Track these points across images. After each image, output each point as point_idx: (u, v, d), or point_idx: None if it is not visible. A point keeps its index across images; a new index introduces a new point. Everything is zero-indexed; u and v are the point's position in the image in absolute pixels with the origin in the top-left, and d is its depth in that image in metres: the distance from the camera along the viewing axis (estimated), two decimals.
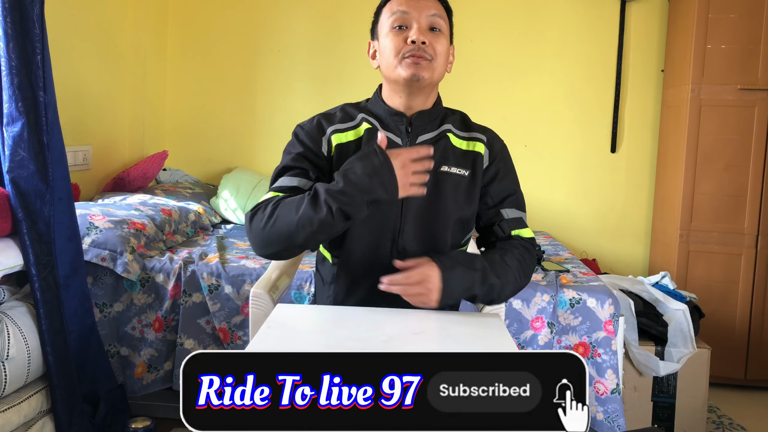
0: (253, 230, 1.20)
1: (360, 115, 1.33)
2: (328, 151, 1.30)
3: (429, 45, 1.25)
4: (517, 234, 1.33)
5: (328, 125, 1.31)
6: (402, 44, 1.24)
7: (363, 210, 1.14)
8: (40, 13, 1.70)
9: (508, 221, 1.33)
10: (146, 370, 2.11)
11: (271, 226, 1.17)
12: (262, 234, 1.18)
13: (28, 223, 1.72)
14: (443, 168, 1.29)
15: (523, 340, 2.05)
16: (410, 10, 1.25)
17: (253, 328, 1.34)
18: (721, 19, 2.70)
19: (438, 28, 1.27)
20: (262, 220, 1.18)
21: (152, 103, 3.24)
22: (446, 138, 1.31)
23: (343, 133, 1.30)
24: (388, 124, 1.31)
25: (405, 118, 1.30)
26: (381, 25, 1.30)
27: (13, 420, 1.63)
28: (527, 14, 3.22)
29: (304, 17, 3.30)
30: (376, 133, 1.29)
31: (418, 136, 1.30)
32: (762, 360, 2.74)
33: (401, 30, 1.25)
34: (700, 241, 2.78)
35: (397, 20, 1.25)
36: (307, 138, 1.30)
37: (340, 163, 1.27)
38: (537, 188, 3.26)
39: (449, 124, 1.34)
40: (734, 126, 2.72)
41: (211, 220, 2.85)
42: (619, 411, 1.99)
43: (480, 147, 1.33)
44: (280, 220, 1.16)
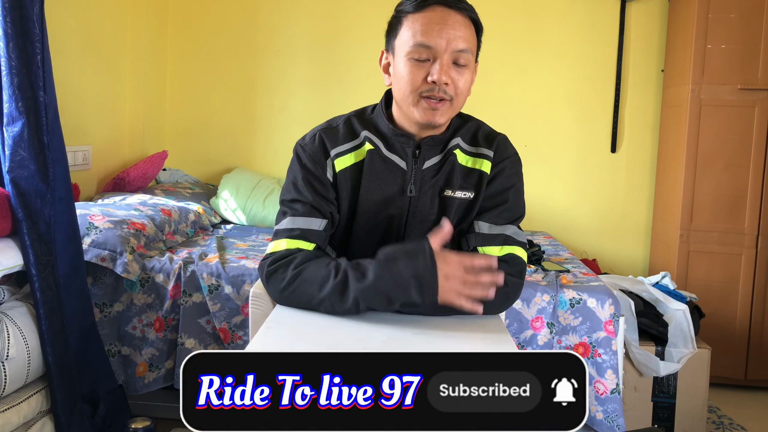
0: (270, 288, 1.16)
1: (363, 133, 1.23)
2: (333, 176, 1.22)
3: (451, 84, 1.13)
4: (483, 252, 1.18)
5: (331, 146, 1.22)
6: (420, 81, 1.12)
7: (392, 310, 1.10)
8: (39, 13, 1.70)
9: (476, 235, 1.20)
10: (147, 369, 2.11)
11: (290, 294, 1.12)
12: (279, 297, 1.15)
13: (28, 223, 1.72)
14: (447, 192, 1.21)
15: (523, 339, 2.05)
16: (434, 44, 1.11)
17: (253, 328, 1.34)
18: (721, 19, 2.70)
19: (463, 63, 1.14)
20: (281, 283, 1.13)
21: (152, 103, 3.24)
22: (453, 156, 1.22)
23: (345, 155, 1.22)
24: (394, 145, 1.22)
25: (413, 141, 1.20)
26: (399, 42, 1.15)
27: (13, 420, 1.63)
28: (527, 14, 3.22)
29: (304, 17, 3.30)
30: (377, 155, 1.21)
31: (425, 161, 1.22)
32: (762, 360, 2.74)
33: (421, 62, 1.12)
34: (700, 241, 2.78)
35: (417, 51, 1.12)
36: (310, 162, 1.21)
37: (343, 185, 1.22)
38: (537, 188, 3.26)
39: (458, 138, 1.24)
40: (734, 126, 2.72)
41: (210, 220, 2.85)
42: (618, 411, 1.99)
43: (485, 165, 1.23)
44: (300, 291, 1.11)
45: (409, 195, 1.22)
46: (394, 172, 1.22)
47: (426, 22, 1.11)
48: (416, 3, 1.12)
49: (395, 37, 1.17)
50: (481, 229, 1.20)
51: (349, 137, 1.23)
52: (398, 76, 1.16)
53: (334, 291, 1.08)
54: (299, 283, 1.11)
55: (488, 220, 1.21)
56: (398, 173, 1.22)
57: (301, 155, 1.23)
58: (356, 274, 1.07)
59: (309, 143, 1.23)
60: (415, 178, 1.21)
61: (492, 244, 1.19)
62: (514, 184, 1.25)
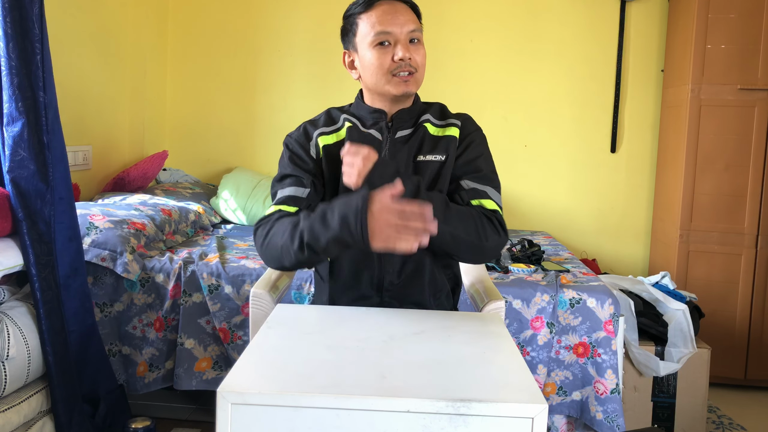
0: (257, 247, 1.27)
1: (342, 116, 1.39)
2: (317, 154, 1.35)
3: (412, 59, 1.31)
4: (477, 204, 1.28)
5: (313, 130, 1.38)
6: (389, 62, 1.29)
7: (330, 250, 1.12)
8: (39, 13, 1.70)
9: (468, 191, 1.29)
10: (148, 369, 2.12)
11: (265, 247, 1.23)
12: (260, 252, 1.26)
13: (28, 223, 1.72)
14: (420, 157, 1.33)
15: (522, 339, 2.05)
16: (392, 29, 1.29)
17: (253, 328, 1.34)
18: (721, 19, 2.70)
19: (416, 39, 1.33)
20: (260, 238, 1.25)
21: (152, 103, 3.24)
22: (423, 128, 1.36)
23: (328, 135, 1.36)
24: (369, 122, 1.37)
25: (385, 115, 1.36)
26: (360, 37, 1.33)
27: (13, 420, 1.63)
28: (527, 14, 3.23)
29: (304, 17, 3.30)
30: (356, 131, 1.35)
31: (397, 131, 1.35)
32: (762, 360, 2.75)
33: (384, 47, 1.30)
34: (700, 241, 2.78)
35: (379, 37, 1.29)
36: (296, 145, 1.36)
37: (328, 165, 1.34)
38: (537, 188, 3.26)
39: (428, 114, 1.38)
40: (734, 126, 2.72)
41: (211, 220, 2.85)
42: (618, 411, 1.99)
43: (454, 131, 1.36)
44: (271, 243, 1.21)
45: None
46: (372, 143, 1.33)
47: (379, 14, 1.30)
48: (364, 3, 1.31)
49: (354, 36, 1.34)
50: (470, 185, 1.30)
51: (329, 123, 1.39)
52: (366, 65, 1.32)
53: (289, 233, 1.16)
54: (271, 235, 1.22)
55: (472, 180, 1.31)
56: (375, 143, 1.34)
57: (289, 143, 1.39)
58: (307, 213, 1.17)
59: (295, 133, 1.40)
60: (389, 146, 1.34)
61: (483, 198, 1.29)
62: (483, 153, 1.36)
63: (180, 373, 2.08)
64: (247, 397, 0.81)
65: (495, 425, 0.81)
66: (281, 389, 0.83)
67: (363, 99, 1.40)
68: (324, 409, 0.81)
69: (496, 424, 0.81)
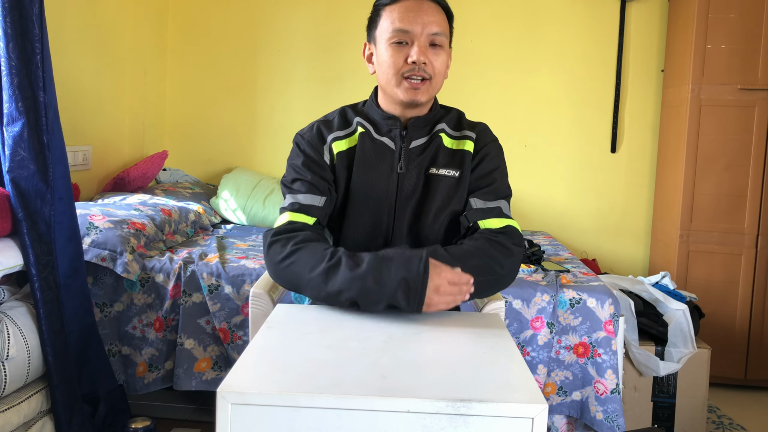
0: (269, 260, 1.20)
1: (356, 119, 1.33)
2: (330, 160, 1.31)
3: (429, 64, 1.24)
4: (485, 226, 1.26)
5: (327, 133, 1.32)
6: (402, 63, 1.23)
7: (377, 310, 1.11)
8: (39, 13, 1.70)
9: (474, 211, 1.28)
10: (147, 369, 2.11)
11: (284, 268, 1.17)
12: (274, 269, 1.19)
13: (28, 223, 1.72)
14: (432, 170, 1.30)
15: (523, 339, 2.05)
16: (412, 28, 1.22)
17: (253, 328, 1.34)
18: (721, 19, 2.70)
19: (438, 44, 1.25)
20: (279, 255, 1.18)
21: (152, 103, 3.24)
22: (438, 139, 1.32)
23: (341, 140, 1.32)
24: (383, 129, 1.32)
25: (399, 123, 1.30)
26: (380, 31, 1.27)
27: (13, 420, 1.63)
28: (527, 14, 3.23)
29: (304, 17, 3.30)
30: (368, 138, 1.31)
31: (412, 140, 1.31)
32: (762, 360, 2.75)
33: (401, 46, 1.24)
34: (700, 241, 2.78)
35: (397, 36, 1.23)
36: (308, 147, 1.31)
37: (341, 171, 1.30)
38: (537, 188, 3.26)
39: (444, 123, 1.34)
40: (734, 126, 2.72)
41: (211, 220, 2.85)
42: (618, 411, 1.99)
43: (468, 145, 1.32)
44: (293, 268, 1.15)
45: (399, 171, 1.30)
46: (384, 152, 1.30)
47: (402, 11, 1.23)
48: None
49: (375, 28, 1.28)
50: (477, 205, 1.28)
51: (343, 125, 1.33)
52: (381, 62, 1.27)
53: (323, 273, 1.10)
54: (295, 259, 1.15)
55: (480, 196, 1.29)
56: (387, 153, 1.30)
57: (300, 143, 1.32)
58: (350, 262, 1.10)
59: (307, 132, 1.34)
60: (403, 156, 1.30)
61: (491, 217, 1.27)
62: (499, 166, 1.34)
63: (180, 373, 2.08)
64: (247, 397, 0.81)
65: (495, 425, 0.81)
66: (281, 389, 0.83)
67: (377, 98, 1.35)
68: (324, 409, 0.81)
69: (496, 424, 0.81)
